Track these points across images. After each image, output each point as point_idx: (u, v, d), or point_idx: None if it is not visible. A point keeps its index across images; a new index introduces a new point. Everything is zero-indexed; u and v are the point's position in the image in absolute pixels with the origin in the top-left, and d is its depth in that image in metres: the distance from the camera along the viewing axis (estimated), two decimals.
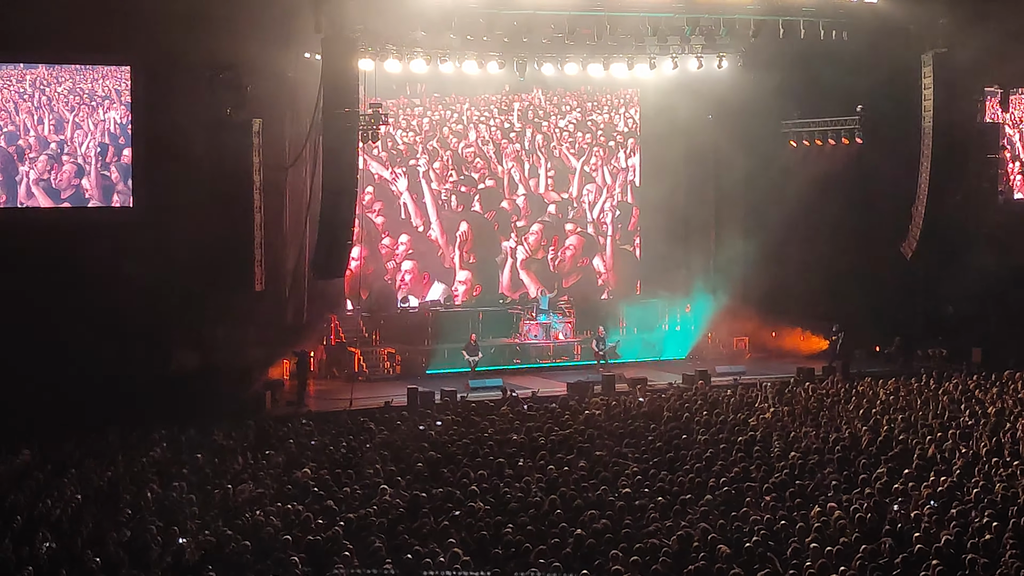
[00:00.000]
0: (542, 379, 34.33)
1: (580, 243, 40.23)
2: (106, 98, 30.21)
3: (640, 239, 41.33)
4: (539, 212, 39.86)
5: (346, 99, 29.38)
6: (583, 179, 40.35)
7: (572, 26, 32.57)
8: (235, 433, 24.71)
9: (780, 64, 36.14)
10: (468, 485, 19.72)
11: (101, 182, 30.23)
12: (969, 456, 21.60)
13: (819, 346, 38.67)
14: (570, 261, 40.12)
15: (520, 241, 39.39)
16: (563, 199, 40.14)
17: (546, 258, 39.86)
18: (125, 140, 30.47)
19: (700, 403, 27.96)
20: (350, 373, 34.48)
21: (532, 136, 39.76)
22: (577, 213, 40.34)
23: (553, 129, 40.17)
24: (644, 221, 41.17)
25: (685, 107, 38.80)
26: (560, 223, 40.08)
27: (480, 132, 39.08)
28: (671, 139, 40.00)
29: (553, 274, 39.90)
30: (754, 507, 18.52)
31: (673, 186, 40.19)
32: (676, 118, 39.33)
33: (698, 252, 40.66)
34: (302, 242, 33.14)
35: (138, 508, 18.37)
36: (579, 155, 40.36)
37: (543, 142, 39.85)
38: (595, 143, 40.67)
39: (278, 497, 19.34)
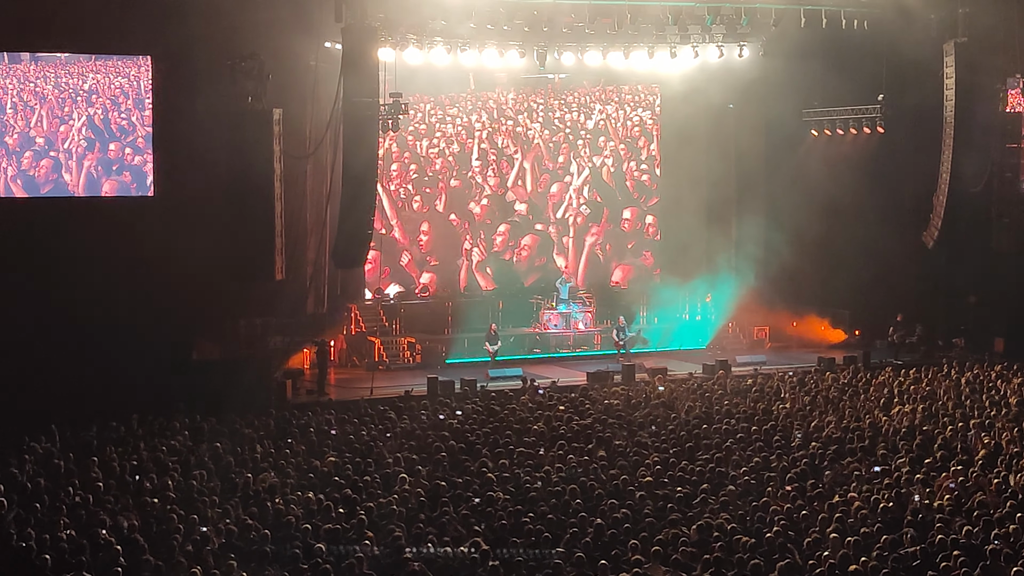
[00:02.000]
0: (562, 368, 34.35)
1: (534, 242, 39.62)
2: (92, 92, 30.04)
3: (660, 228, 41.25)
4: (506, 213, 39.42)
5: (366, 88, 29.40)
6: (563, 175, 40.14)
7: (593, 15, 32.56)
8: (256, 421, 24.77)
9: (801, 53, 36.02)
10: (488, 474, 19.76)
11: (86, 176, 30.04)
12: (991, 447, 21.54)
13: (839, 336, 38.62)
14: (526, 261, 39.59)
15: (476, 243, 38.86)
16: (535, 198, 39.76)
17: (512, 259, 39.51)
18: (122, 134, 30.31)
19: (720, 393, 27.96)
20: (370, 362, 34.53)
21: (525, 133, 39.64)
22: (546, 212, 40.02)
23: (567, 121, 40.08)
24: (664, 210, 41.09)
25: (706, 96, 38.72)
26: (531, 223, 39.69)
27: (454, 131, 38.79)
28: (692, 128, 39.92)
29: (514, 273, 39.47)
30: (774, 497, 18.51)
31: (694, 175, 40.15)
32: (697, 107, 39.28)
33: (719, 242, 40.56)
34: (323, 231, 33.17)
35: (160, 496, 18.43)
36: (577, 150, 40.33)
37: (540, 136, 39.71)
38: (611, 134, 40.62)
39: (299, 486, 19.39)
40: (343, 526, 16.89)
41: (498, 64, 34.93)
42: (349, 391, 31.38)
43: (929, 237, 35.58)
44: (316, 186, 33.52)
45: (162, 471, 20.13)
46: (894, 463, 20.69)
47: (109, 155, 30.06)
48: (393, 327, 36.47)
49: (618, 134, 40.69)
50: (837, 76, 36.43)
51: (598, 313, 38.49)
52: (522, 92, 39.37)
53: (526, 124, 39.53)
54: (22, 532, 16.10)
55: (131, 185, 30.16)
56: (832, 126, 38.02)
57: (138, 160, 30.21)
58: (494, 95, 39.00)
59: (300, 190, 32.58)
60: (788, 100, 38.20)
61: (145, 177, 30.19)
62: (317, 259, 33.95)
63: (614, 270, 40.54)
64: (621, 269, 40.71)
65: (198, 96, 29.22)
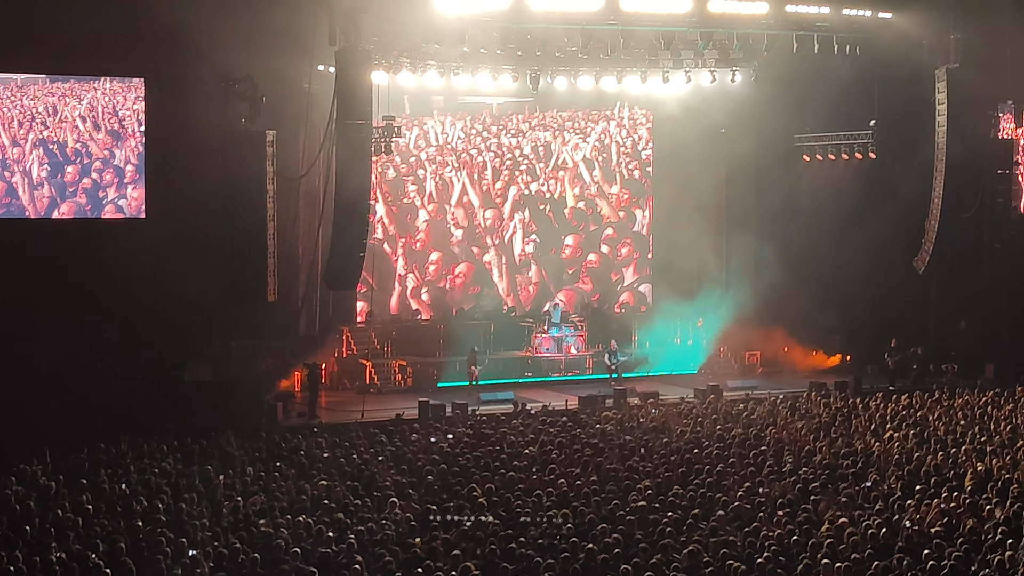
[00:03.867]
0: (554, 392, 34.28)
1: (470, 269, 38.89)
2: (53, 115, 29.99)
3: (652, 252, 41.25)
4: (444, 239, 38.59)
5: (359, 111, 29.43)
6: (500, 202, 39.31)
7: (585, 39, 32.65)
8: (247, 444, 24.72)
9: (793, 79, 36.14)
10: (479, 498, 19.73)
11: (38, 198, 29.93)
12: (982, 473, 21.53)
13: (831, 361, 38.64)
14: (460, 288, 38.94)
15: (411, 269, 38.15)
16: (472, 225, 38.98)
17: (445, 286, 38.79)
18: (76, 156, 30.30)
19: (712, 417, 27.96)
20: (361, 385, 34.50)
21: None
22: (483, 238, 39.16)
23: (504, 147, 39.31)
24: (656, 235, 41.10)
25: (698, 120, 38.82)
26: (467, 248, 38.95)
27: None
28: (684, 153, 39.94)
29: (447, 302, 38.70)
30: (766, 522, 18.50)
31: (685, 200, 40.13)
32: (689, 131, 39.33)
33: (710, 266, 40.58)
34: (315, 253, 33.17)
35: (149, 519, 18.37)
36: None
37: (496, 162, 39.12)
38: (597, 157, 40.56)
39: (289, 509, 19.34)
40: (333, 550, 16.84)
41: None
42: (340, 414, 31.37)
43: (920, 262, 35.66)
44: (308, 208, 33.52)
45: (152, 494, 20.08)
46: (885, 488, 20.70)
47: (65, 178, 30.05)
48: (385, 350, 36.42)
49: (582, 158, 40.49)
50: (829, 102, 36.53)
51: (590, 337, 38.47)
52: (459, 116, 38.54)
53: (465, 148, 38.79)
54: (11, 554, 16.04)
55: (86, 207, 30.11)
56: (824, 151, 38.12)
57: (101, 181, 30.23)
58: (431, 120, 38.14)
59: (292, 212, 32.59)
60: (780, 125, 38.32)
61: (101, 199, 30.17)
62: (309, 281, 33.93)
63: (556, 295, 39.97)
64: (564, 294, 40.12)
65: (191, 117, 29.23)
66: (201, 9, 27.75)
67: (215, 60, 28.38)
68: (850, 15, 33.64)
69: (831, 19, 33.42)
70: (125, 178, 30.38)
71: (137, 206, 30.38)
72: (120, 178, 30.35)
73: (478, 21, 31.17)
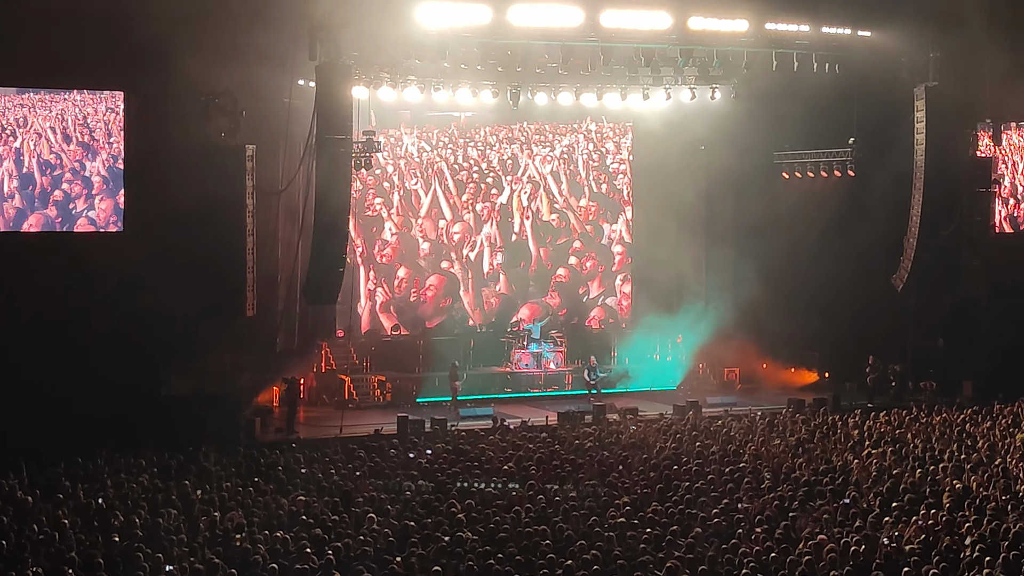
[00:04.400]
0: (533, 408, 34.30)
1: (440, 283, 38.87)
2: (23, 126, 29.90)
3: (631, 268, 41.30)
4: (412, 252, 38.58)
5: (340, 126, 29.41)
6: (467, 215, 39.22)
7: (566, 56, 32.70)
8: (224, 459, 24.64)
9: (773, 96, 36.27)
10: (457, 514, 19.68)
11: (6, 209, 29.83)
12: (959, 490, 21.57)
13: (809, 378, 38.70)
14: (432, 302, 38.85)
15: (379, 283, 38.10)
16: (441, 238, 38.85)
17: (415, 300, 38.65)
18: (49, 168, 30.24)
19: (691, 434, 27.95)
20: (340, 400, 34.44)
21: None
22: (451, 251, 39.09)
23: (471, 159, 39.30)
24: (635, 251, 41.16)
25: (678, 137, 38.94)
26: (435, 261, 38.90)
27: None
28: (664, 168, 40.02)
29: (419, 316, 38.61)
30: (744, 539, 18.48)
31: (666, 215, 40.21)
32: (669, 148, 39.42)
33: (689, 283, 40.63)
34: (294, 268, 33.11)
35: (126, 534, 18.28)
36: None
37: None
38: (574, 174, 40.64)
39: (266, 525, 19.26)
40: (311, 566, 16.78)
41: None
42: (319, 429, 31.29)
43: (899, 280, 35.75)
44: (288, 222, 33.47)
45: (129, 509, 19.98)
46: (863, 505, 20.72)
47: (35, 191, 29.93)
48: (364, 365, 36.36)
49: (550, 173, 40.61)
50: (808, 119, 36.72)
51: (569, 353, 38.48)
52: (426, 129, 38.47)
53: (432, 161, 38.71)
54: None
55: (56, 219, 30.02)
56: (803, 169, 38.25)
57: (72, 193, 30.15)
58: (396, 133, 38.10)
59: (272, 226, 32.53)
60: (760, 142, 38.45)
61: (71, 211, 30.10)
62: (288, 296, 33.89)
63: (520, 309, 40.04)
64: (528, 308, 40.08)
65: (171, 132, 29.18)
66: (182, 23, 27.70)
67: (195, 74, 28.31)
68: (829, 33, 33.79)
69: (810, 37, 33.57)
70: (93, 189, 30.28)
71: (106, 217, 30.26)
72: (89, 189, 30.24)
73: (459, 36, 31.19)
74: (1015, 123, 37.74)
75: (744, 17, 32.63)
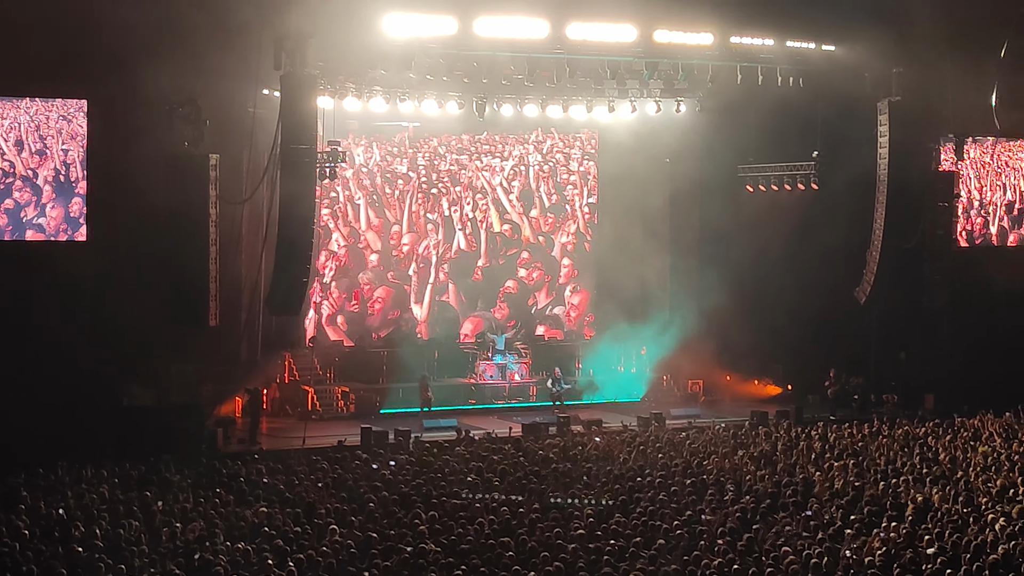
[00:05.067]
0: (497, 420, 34.22)
1: (388, 294, 38.58)
2: None
3: (595, 281, 41.34)
4: (359, 264, 38.32)
5: (304, 136, 29.32)
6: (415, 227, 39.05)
7: (531, 68, 32.73)
8: (186, 470, 24.50)
9: (737, 109, 36.45)
10: (420, 526, 19.63)
11: None
12: (921, 503, 21.66)
13: (772, 390, 38.82)
14: (379, 313, 38.58)
15: (326, 295, 37.80)
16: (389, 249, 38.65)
17: (363, 312, 38.40)
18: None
19: (655, 446, 27.98)
20: (303, 411, 34.31)
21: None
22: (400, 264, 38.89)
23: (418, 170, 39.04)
24: (600, 263, 41.19)
25: (643, 150, 39.04)
26: (382, 273, 38.64)
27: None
28: (628, 182, 40.10)
29: (366, 328, 38.40)
30: (707, 551, 18.49)
31: (630, 228, 40.26)
32: (634, 161, 39.52)
33: (653, 295, 40.70)
34: (257, 278, 32.99)
35: (87, 545, 18.14)
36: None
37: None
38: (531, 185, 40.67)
39: (228, 536, 19.14)
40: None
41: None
42: (281, 440, 31.20)
43: (862, 293, 35.90)
44: (252, 232, 33.33)
45: (90, 519, 19.84)
46: (826, 518, 20.77)
47: None
48: (327, 376, 36.26)
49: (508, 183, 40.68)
50: (772, 133, 36.89)
51: (534, 364, 38.47)
52: (374, 138, 38.18)
53: (380, 171, 38.52)
54: None
55: (7, 228, 29.90)
56: (767, 182, 38.38)
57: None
58: (344, 143, 36.82)
59: (235, 236, 32.36)
60: (724, 155, 38.61)
61: (22, 219, 29.97)
62: (251, 306, 33.76)
63: (463, 323, 39.92)
64: (471, 322, 39.96)
65: (134, 140, 29.03)
66: (146, 32, 27.64)
67: (159, 83, 28.19)
68: (794, 47, 33.96)
69: (775, 51, 33.72)
70: (43, 197, 30.12)
71: (56, 225, 30.10)
72: (38, 197, 30.07)
73: (425, 47, 31.16)
74: (977, 138, 37.94)
75: (709, 31, 32.75)
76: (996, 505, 21.48)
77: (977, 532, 19.37)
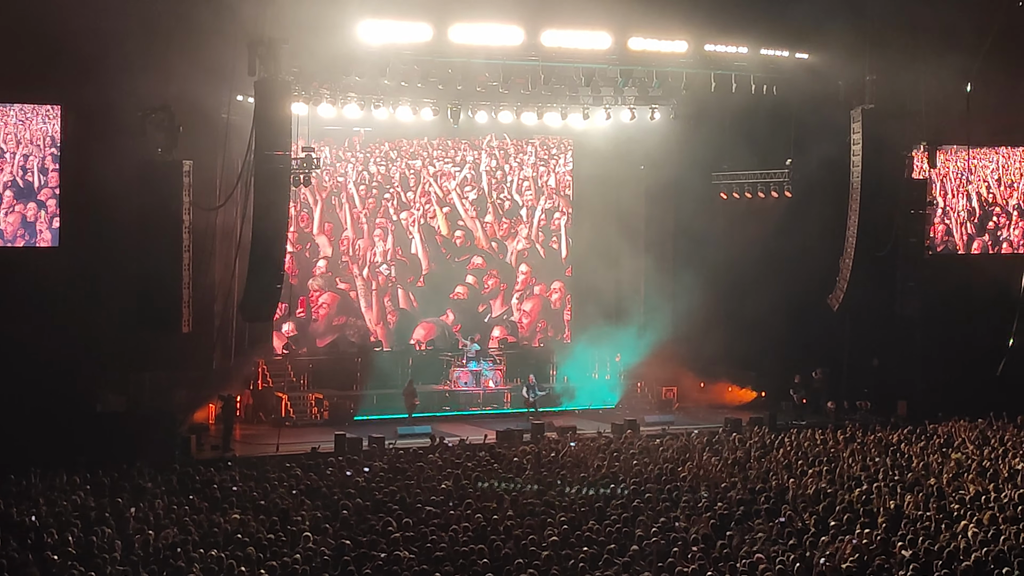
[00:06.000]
0: (472, 426, 34.23)
1: (334, 300, 38.29)
2: None
3: (570, 288, 41.38)
4: (305, 268, 38.02)
5: (278, 142, 29.24)
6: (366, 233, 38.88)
7: (506, 75, 32.75)
8: (159, 477, 24.42)
9: (711, 117, 36.64)
10: (394, 533, 19.59)
11: None
12: (894, 510, 21.72)
13: (746, 397, 38.90)
14: (323, 320, 38.22)
15: None
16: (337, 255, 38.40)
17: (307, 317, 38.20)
18: None
19: (629, 452, 28.00)
20: (277, 418, 34.26)
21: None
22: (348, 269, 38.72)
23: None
24: (574, 270, 41.24)
25: (617, 157, 39.15)
26: (330, 278, 38.36)
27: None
28: (603, 189, 40.18)
29: (310, 334, 38.13)
30: (681, 558, 18.50)
31: (603, 236, 40.32)
32: (608, 168, 39.61)
33: (627, 302, 40.78)
34: (231, 284, 32.88)
35: (60, 552, 18.06)
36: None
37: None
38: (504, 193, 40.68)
39: (201, 543, 19.08)
40: None
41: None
42: (255, 447, 31.14)
43: (835, 300, 36.01)
44: (225, 238, 33.22)
45: (62, 526, 19.75)
46: (799, 524, 20.81)
47: None
48: (301, 383, 36.20)
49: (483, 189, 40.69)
50: (746, 140, 37.03)
51: (508, 371, 38.47)
52: (325, 142, 37.74)
53: (332, 176, 38.33)
54: None
55: None
56: (741, 189, 38.46)
57: None
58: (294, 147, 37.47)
59: (209, 242, 32.27)
60: (698, 163, 38.72)
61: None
62: (225, 312, 33.66)
63: (415, 329, 39.78)
64: (423, 327, 39.87)
65: (107, 146, 28.95)
66: (119, 38, 27.58)
67: (132, 89, 28.15)
68: (768, 55, 34.07)
69: (749, 59, 33.83)
70: (1, 204, 30.05)
71: (13, 231, 29.96)
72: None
73: (400, 53, 31.15)
74: (951, 146, 38.06)
75: (684, 38, 32.83)
76: (968, 512, 21.56)
77: (949, 539, 19.44)
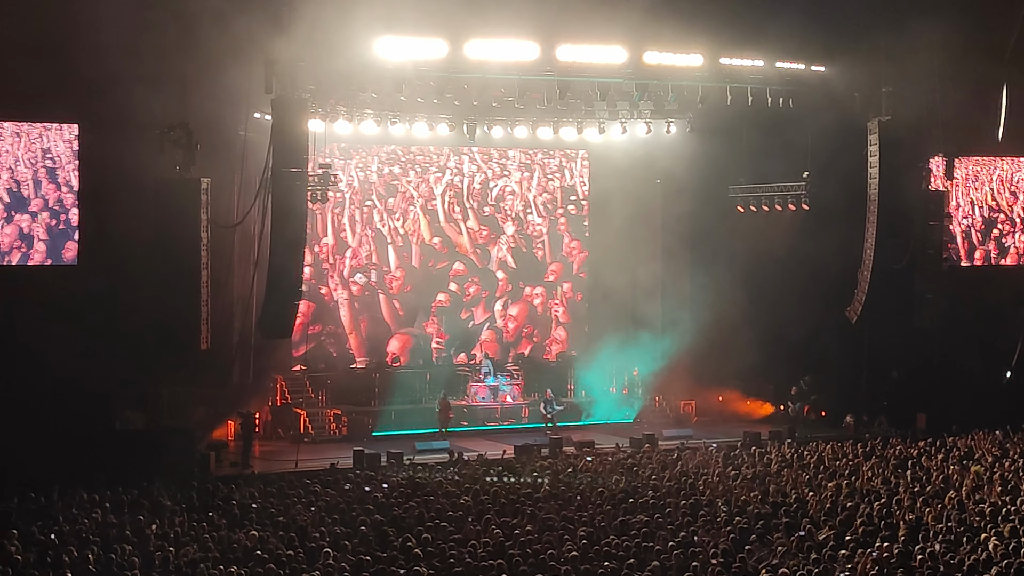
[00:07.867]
0: (489, 441, 34.22)
1: (309, 309, 37.50)
2: None
3: (587, 302, 41.37)
4: None
5: (295, 159, 29.34)
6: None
7: (522, 90, 32.79)
8: (179, 494, 24.44)
9: (728, 130, 36.62)
10: (413, 549, 19.58)
11: None
12: (914, 522, 21.65)
13: (765, 410, 38.82)
14: (299, 329, 36.74)
15: None
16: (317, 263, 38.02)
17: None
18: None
19: (648, 467, 27.96)
20: (296, 434, 34.29)
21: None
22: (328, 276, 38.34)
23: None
24: (591, 284, 41.24)
25: (633, 171, 39.18)
26: (313, 287, 37.73)
27: None
28: (619, 203, 40.14)
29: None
30: (701, 572, 18.47)
31: (620, 250, 40.32)
32: (625, 182, 39.63)
33: (644, 315, 40.71)
34: (249, 301, 32.97)
35: (79, 570, 18.09)
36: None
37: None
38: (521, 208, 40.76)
39: (221, 560, 19.10)
40: None
41: None
42: (274, 463, 31.14)
43: (853, 312, 35.94)
44: (243, 256, 33.33)
45: (82, 544, 19.78)
46: (819, 538, 20.75)
47: None
48: (319, 399, 36.22)
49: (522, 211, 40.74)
50: (763, 153, 36.95)
51: (526, 386, 38.45)
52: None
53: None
54: None
55: None
56: (758, 202, 38.39)
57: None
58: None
59: (227, 260, 32.39)
60: (715, 176, 38.72)
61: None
62: (243, 329, 33.71)
63: (390, 341, 39.50)
64: (398, 339, 39.54)
65: (126, 164, 29.05)
66: (137, 56, 27.66)
67: (150, 107, 28.23)
68: (783, 68, 34.03)
69: (765, 72, 33.79)
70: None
71: (10, 243, 30.03)
72: None
73: (416, 69, 31.19)
74: (968, 157, 37.97)
75: (699, 52, 32.83)
76: (989, 524, 21.48)
77: (970, 551, 19.36)
